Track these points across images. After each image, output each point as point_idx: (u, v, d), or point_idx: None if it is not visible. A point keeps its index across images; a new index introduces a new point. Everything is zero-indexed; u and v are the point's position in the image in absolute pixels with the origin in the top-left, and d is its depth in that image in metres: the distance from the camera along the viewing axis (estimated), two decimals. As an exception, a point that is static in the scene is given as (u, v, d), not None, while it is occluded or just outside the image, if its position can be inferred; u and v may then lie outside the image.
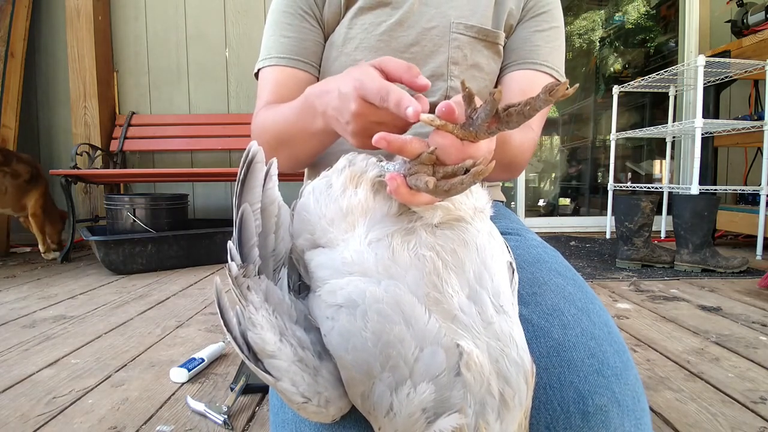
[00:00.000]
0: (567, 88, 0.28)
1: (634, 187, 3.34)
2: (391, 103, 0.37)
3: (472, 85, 0.71)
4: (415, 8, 0.69)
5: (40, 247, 2.49)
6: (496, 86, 0.75)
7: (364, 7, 0.69)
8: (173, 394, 0.98)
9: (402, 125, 0.41)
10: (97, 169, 2.65)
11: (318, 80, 0.75)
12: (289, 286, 0.41)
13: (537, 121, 0.71)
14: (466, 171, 0.33)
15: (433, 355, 0.33)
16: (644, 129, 2.96)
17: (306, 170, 0.79)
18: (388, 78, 0.41)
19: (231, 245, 0.36)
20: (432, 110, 0.35)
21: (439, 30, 0.69)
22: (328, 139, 0.56)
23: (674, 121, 3.08)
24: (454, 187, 0.33)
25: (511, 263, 0.42)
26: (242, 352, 0.33)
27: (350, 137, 0.44)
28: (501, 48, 0.72)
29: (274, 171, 0.40)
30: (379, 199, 0.40)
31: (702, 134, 2.40)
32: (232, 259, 0.35)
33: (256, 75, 0.76)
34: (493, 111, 0.31)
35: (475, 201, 0.40)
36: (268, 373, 0.33)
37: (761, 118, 2.55)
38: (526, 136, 0.66)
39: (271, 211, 0.40)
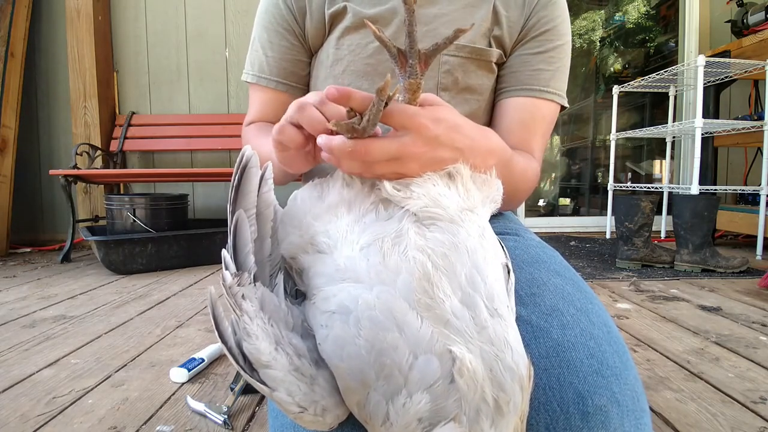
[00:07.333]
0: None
1: (634, 187, 3.34)
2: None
3: (464, 108, 0.68)
4: (403, 27, 0.68)
5: None
6: (493, 111, 0.72)
7: (350, 26, 0.67)
8: (173, 394, 0.98)
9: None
10: (97, 169, 2.65)
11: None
12: (285, 291, 0.41)
13: (538, 147, 0.69)
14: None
15: (427, 363, 0.32)
16: (644, 129, 2.95)
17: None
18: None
19: (225, 253, 0.35)
20: None
21: None
22: (280, 173, 0.59)
23: (674, 121, 3.07)
24: (371, 117, 0.36)
25: (507, 264, 0.42)
26: (237, 362, 0.32)
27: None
28: (494, 65, 0.69)
29: (269, 175, 0.40)
30: (356, 185, 0.41)
31: (702, 134, 2.40)
32: (226, 268, 0.35)
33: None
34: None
35: (463, 202, 0.40)
36: (264, 384, 0.33)
37: (761, 118, 2.55)
38: (530, 164, 0.62)
39: (267, 215, 0.40)
